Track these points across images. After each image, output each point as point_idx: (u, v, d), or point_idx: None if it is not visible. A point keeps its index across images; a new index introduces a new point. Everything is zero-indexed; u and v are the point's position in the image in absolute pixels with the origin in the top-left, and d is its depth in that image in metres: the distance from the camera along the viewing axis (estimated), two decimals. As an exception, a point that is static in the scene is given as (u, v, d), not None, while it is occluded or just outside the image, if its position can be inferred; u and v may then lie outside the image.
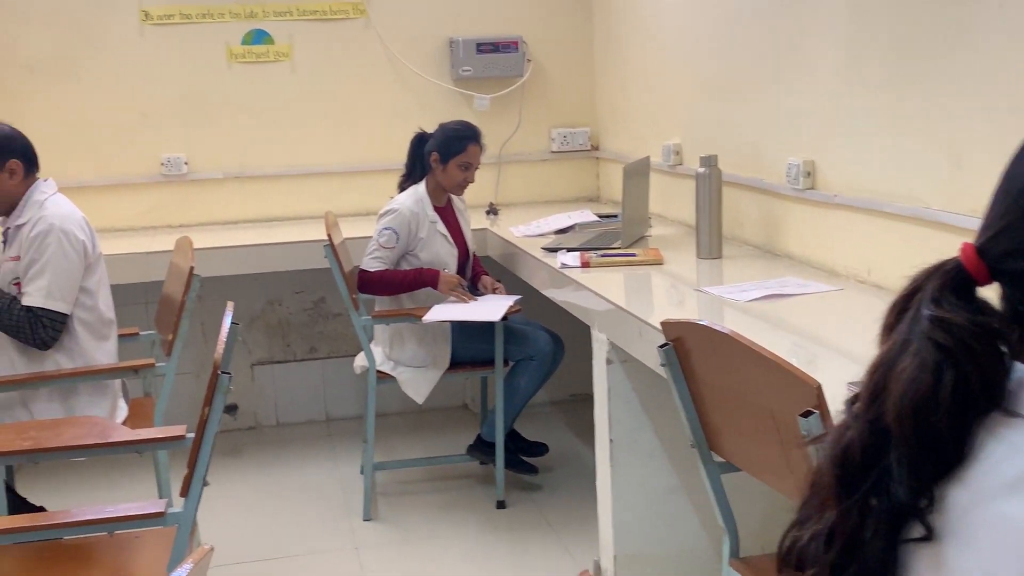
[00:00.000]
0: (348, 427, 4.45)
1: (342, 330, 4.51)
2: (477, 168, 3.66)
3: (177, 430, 2.34)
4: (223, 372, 1.99)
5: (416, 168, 3.69)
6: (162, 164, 4.36)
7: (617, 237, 3.54)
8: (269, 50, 4.39)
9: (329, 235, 3.46)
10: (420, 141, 3.68)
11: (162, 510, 2.03)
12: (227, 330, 2.10)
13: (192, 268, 3.00)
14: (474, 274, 3.80)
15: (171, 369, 3.03)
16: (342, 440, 4.34)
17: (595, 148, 4.76)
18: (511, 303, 3.47)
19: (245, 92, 4.41)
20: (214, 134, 4.40)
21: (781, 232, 3.22)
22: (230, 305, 2.23)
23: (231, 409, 4.51)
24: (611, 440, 2.78)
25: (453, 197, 3.74)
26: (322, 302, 4.56)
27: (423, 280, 3.53)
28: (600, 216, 4.06)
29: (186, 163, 4.38)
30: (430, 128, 3.69)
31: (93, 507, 2.11)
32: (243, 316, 4.43)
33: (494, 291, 3.65)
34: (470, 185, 3.69)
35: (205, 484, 2.07)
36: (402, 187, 3.72)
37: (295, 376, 4.56)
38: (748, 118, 3.39)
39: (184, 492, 2.05)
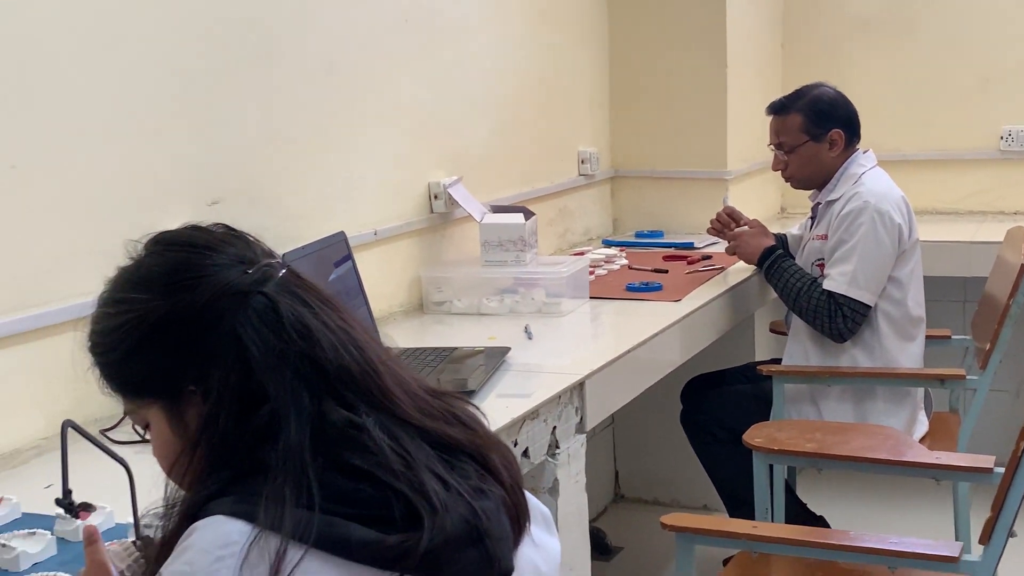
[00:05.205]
0: None
1: None
2: None
3: (984, 460, 2.31)
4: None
5: None
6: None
7: None
8: None
9: None
10: None
11: (955, 555, 2.00)
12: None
13: (1023, 266, 2.91)
14: None
15: (984, 384, 3.00)
16: None
17: None
18: None
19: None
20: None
21: None
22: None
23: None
24: None
25: None
26: None
27: None
28: None
29: (1030, 137, 4.32)
30: None
31: (876, 536, 2.16)
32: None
33: None
34: None
35: (1011, 535, 2.00)
36: None
37: None
38: None
39: (984, 539, 1.99)
